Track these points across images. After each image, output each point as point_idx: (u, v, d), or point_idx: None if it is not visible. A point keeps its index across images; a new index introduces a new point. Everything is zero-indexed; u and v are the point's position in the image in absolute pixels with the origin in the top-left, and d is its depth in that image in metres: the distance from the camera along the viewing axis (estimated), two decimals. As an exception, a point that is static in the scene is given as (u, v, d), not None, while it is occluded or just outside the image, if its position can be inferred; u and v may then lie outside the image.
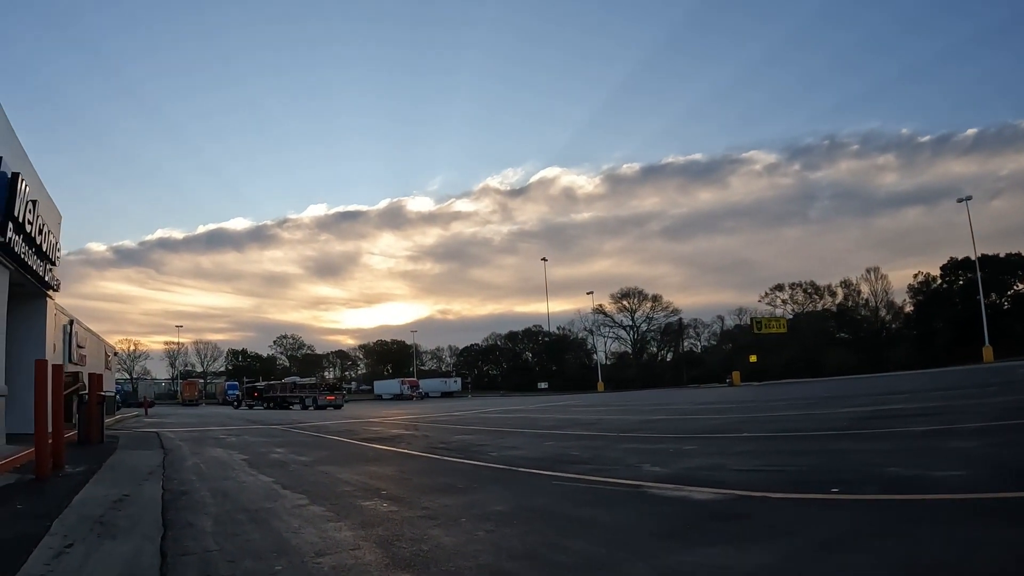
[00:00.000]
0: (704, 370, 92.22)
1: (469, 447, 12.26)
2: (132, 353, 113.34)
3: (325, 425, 21.43)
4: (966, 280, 77.56)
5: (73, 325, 23.69)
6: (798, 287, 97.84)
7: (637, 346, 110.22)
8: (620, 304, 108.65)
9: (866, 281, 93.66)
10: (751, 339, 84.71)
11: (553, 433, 14.99)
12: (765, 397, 29.16)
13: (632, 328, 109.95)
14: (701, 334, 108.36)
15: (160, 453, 12.21)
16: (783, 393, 32.80)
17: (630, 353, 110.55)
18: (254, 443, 14.37)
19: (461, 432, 16.48)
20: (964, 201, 60.11)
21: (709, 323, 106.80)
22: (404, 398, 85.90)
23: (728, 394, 39.24)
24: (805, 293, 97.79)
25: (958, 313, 76.12)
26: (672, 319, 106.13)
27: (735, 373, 72.32)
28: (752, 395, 33.68)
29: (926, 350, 75.20)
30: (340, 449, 12.79)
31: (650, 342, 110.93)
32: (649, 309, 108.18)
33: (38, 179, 13.49)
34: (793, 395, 28.40)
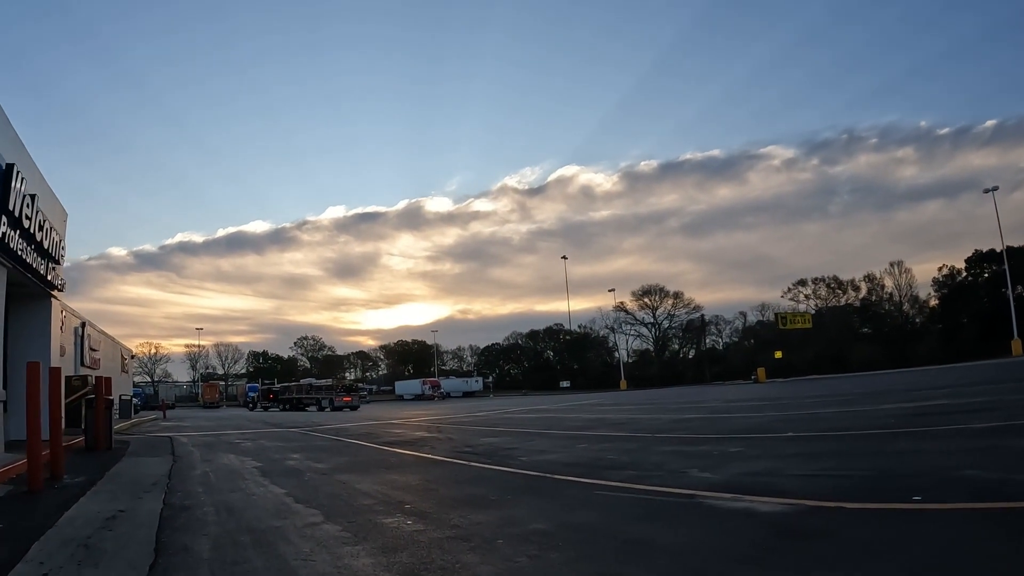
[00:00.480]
0: (726, 367, 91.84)
1: (497, 451, 11.58)
2: (153, 356, 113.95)
3: (345, 428, 20.77)
4: (992, 273, 76.44)
5: (85, 327, 23.22)
6: (821, 282, 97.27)
7: (659, 343, 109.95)
8: (641, 301, 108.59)
9: (890, 275, 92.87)
10: (774, 335, 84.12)
11: (584, 434, 14.31)
12: (796, 394, 28.35)
13: (654, 325, 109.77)
14: (722, 331, 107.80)
15: (169, 460, 11.58)
16: (813, 389, 32.21)
17: (651, 351, 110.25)
18: (269, 448, 13.72)
19: (487, 434, 15.82)
20: (990, 192, 58.83)
21: (731, 320, 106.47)
22: (425, 398, 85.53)
23: (756, 391, 38.44)
24: (828, 288, 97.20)
25: (984, 306, 75.32)
26: (694, 316, 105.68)
27: (760, 370, 71.48)
28: (781, 392, 32.83)
29: (951, 344, 74.16)
30: (360, 454, 12.08)
31: (672, 339, 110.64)
32: (670, 306, 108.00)
33: (39, 174, 12.92)
34: (824, 391, 27.75)
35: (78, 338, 22.03)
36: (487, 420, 22.38)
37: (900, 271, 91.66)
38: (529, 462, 9.60)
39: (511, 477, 8.21)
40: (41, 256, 12.56)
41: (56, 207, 14.36)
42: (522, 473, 8.45)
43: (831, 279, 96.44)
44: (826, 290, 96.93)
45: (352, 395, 51.97)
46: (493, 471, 8.88)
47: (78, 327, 22.21)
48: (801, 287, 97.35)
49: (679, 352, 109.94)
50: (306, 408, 52.22)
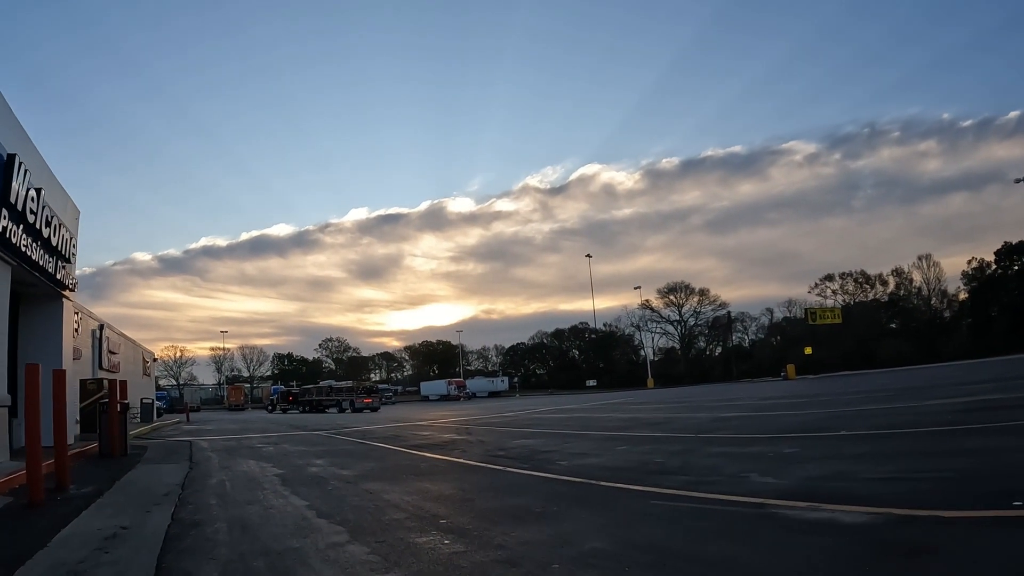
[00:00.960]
0: (753, 364, 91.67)
1: (534, 455, 10.89)
2: (178, 360, 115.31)
3: (371, 430, 20.13)
4: (1022, 265, 75.07)
5: (104, 330, 22.86)
6: (849, 277, 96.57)
7: (685, 341, 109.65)
8: (667, 299, 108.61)
9: (918, 269, 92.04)
10: (801, 331, 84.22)
11: (622, 435, 13.70)
12: (831, 390, 27.72)
13: (679, 323, 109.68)
14: (748, 327, 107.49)
15: (185, 467, 10.96)
16: (848, 386, 31.64)
17: (678, 348, 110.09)
18: (292, 453, 13.08)
19: (519, 436, 15.15)
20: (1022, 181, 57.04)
21: (756, 316, 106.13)
22: (451, 399, 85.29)
23: (788, 388, 37.87)
24: (856, 283, 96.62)
25: (1015, 299, 74.30)
26: (720, 313, 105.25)
27: (790, 366, 71.02)
28: (815, 389, 32.42)
29: (982, 339, 73.31)
30: (387, 459, 11.39)
31: (698, 337, 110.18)
32: (696, 303, 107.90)
33: (46, 168, 12.42)
34: (861, 387, 27.28)
35: (96, 341, 21.66)
36: (517, 421, 21.79)
37: (928, 265, 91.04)
38: (570, 467, 8.96)
39: (554, 484, 7.55)
40: (49, 254, 12.02)
41: (67, 204, 13.84)
42: (564, 480, 7.81)
43: (859, 274, 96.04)
44: (854, 285, 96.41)
45: (372, 396, 51.69)
46: (532, 478, 8.21)
47: (96, 330, 21.85)
48: (828, 282, 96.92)
49: (705, 350, 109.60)
50: (326, 410, 52.42)
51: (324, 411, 51.81)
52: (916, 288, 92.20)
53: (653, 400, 34.18)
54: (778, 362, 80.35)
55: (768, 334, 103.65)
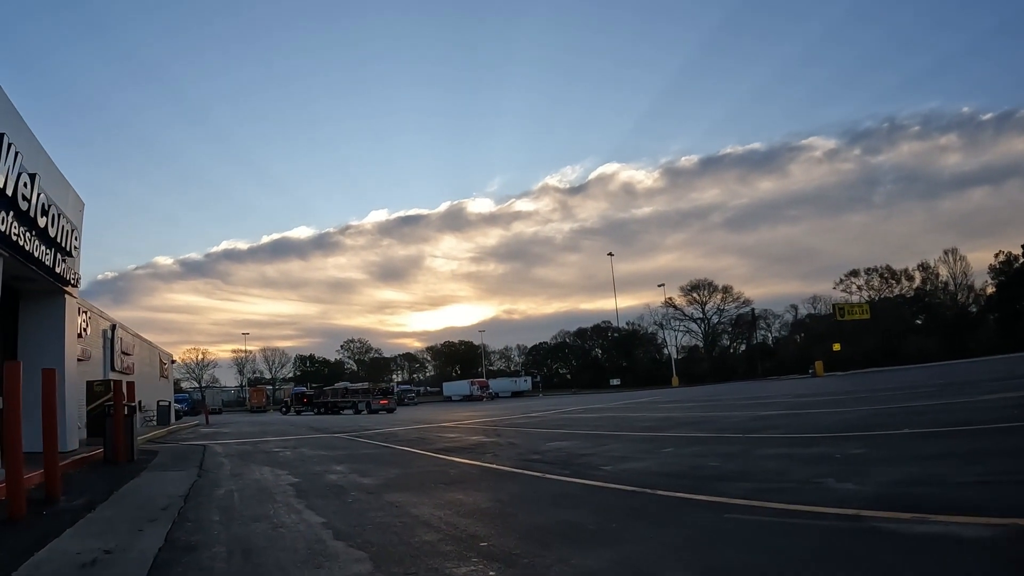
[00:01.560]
0: (777, 362, 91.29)
1: (572, 458, 10.04)
2: (200, 362, 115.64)
3: (394, 433, 19.24)
4: (1050, 258, 73.39)
5: (116, 330, 22.18)
6: (874, 272, 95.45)
7: (708, 339, 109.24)
8: (690, 297, 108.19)
9: (944, 263, 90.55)
10: (826, 328, 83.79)
11: (661, 436, 12.90)
12: (867, 387, 26.98)
13: (703, 321, 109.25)
14: (772, 325, 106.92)
15: (192, 475, 10.13)
16: (882, 382, 30.89)
17: (701, 346, 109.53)
18: (310, 458, 12.21)
19: (552, 437, 14.28)
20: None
21: (780, 313, 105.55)
22: (474, 399, 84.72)
23: (820, 385, 36.98)
24: (881, 278, 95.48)
25: (1044, 293, 72.55)
26: (744, 310, 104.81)
27: (818, 363, 70.11)
28: (848, 385, 31.35)
29: (1010, 334, 71.76)
30: (413, 465, 10.47)
31: (721, 335, 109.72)
32: (720, 301, 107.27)
33: (44, 154, 11.66)
34: (897, 383, 26.46)
35: (107, 342, 20.98)
36: (546, 421, 20.99)
37: (955, 259, 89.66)
38: (615, 472, 8.12)
39: (602, 494, 6.70)
40: (47, 245, 11.23)
41: (68, 194, 13.08)
42: (613, 488, 6.94)
43: (884, 269, 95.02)
44: (879, 280, 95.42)
45: (388, 398, 51.93)
46: (577, 486, 7.34)
47: (107, 330, 21.19)
48: (854, 278, 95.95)
49: (729, 347, 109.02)
50: (341, 411, 52.71)
51: (339, 412, 51.99)
52: (943, 283, 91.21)
53: (681, 399, 33.52)
54: (803, 359, 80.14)
55: (791, 331, 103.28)
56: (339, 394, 56.63)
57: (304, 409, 59.65)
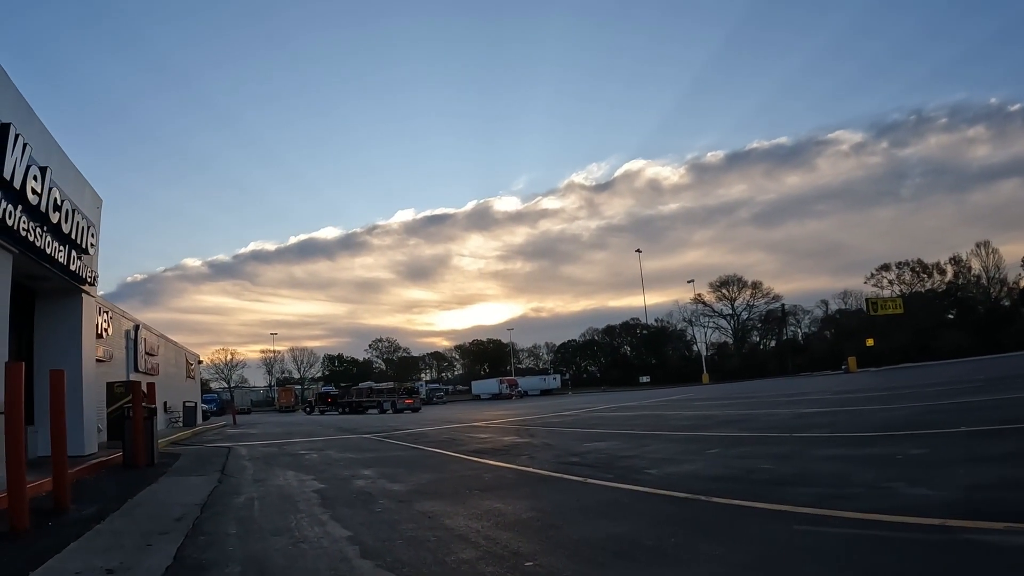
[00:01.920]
0: (808, 358, 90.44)
1: (613, 461, 9.47)
2: (229, 363, 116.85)
3: (424, 433, 18.71)
4: (1087, 250, 71.27)
5: (139, 331, 21.92)
6: (905, 266, 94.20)
7: (738, 335, 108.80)
8: (719, 293, 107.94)
9: (976, 256, 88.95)
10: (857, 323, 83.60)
11: (703, 436, 12.38)
12: (908, 383, 26.23)
13: (732, 317, 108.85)
14: (801, 321, 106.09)
15: (213, 480, 9.67)
16: (919, 378, 30.15)
17: (730, 343, 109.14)
18: (337, 462, 11.72)
19: (588, 438, 13.70)
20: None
21: (809, 309, 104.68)
22: (503, 397, 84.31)
23: (855, 381, 36.27)
24: (913, 272, 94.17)
25: (1080, 285, 71.35)
26: (773, 306, 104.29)
27: (851, 359, 69.26)
28: (887, 381, 30.83)
29: None
30: (445, 469, 9.91)
31: (751, 331, 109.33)
32: (749, 296, 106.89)
33: (57, 147, 11.29)
34: (937, 379, 25.89)
35: (130, 342, 20.70)
36: (580, 420, 20.39)
37: (987, 252, 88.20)
38: (662, 477, 7.60)
39: (654, 502, 6.17)
40: (60, 242, 10.83)
41: (85, 190, 12.72)
42: (664, 495, 6.41)
43: (915, 263, 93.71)
44: (911, 274, 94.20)
45: (413, 397, 51.91)
46: (624, 492, 6.75)
47: (130, 330, 20.92)
48: (885, 272, 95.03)
49: (759, 344, 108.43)
50: (366, 411, 52.90)
51: (364, 412, 52.27)
52: (975, 276, 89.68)
53: (715, 396, 32.91)
54: (833, 355, 79.73)
55: (821, 327, 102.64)
56: (364, 394, 56.74)
57: (328, 409, 59.98)
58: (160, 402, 26.38)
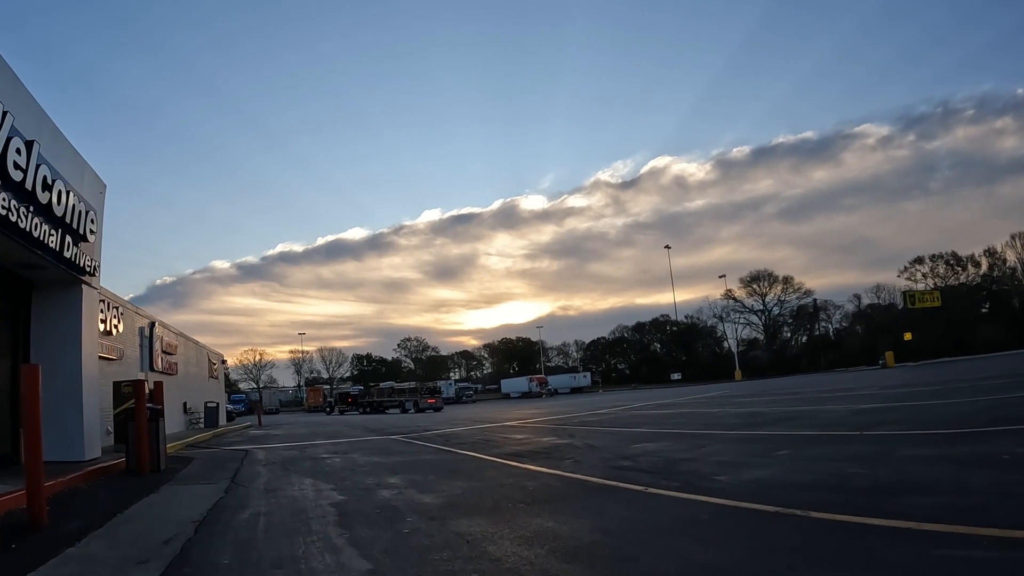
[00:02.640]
0: (841, 353, 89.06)
1: (672, 465, 8.38)
2: (258, 363, 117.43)
3: (455, 434, 17.60)
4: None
5: (155, 328, 21.01)
6: (939, 259, 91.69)
7: (769, 331, 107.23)
8: (750, 288, 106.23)
9: (1011, 248, 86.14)
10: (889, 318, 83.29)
11: (762, 435, 11.44)
12: (956, 377, 25.20)
13: (763, 312, 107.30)
14: (832, 316, 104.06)
15: (220, 489, 8.64)
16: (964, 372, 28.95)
17: (762, 339, 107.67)
18: (361, 467, 10.64)
19: (635, 438, 12.56)
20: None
21: (840, 304, 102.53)
22: (532, 396, 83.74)
23: (900, 376, 34.77)
24: (947, 265, 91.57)
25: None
26: (805, 301, 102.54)
27: (888, 353, 68.46)
28: (933, 375, 29.63)
29: None
30: (481, 475, 8.77)
31: (782, 327, 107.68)
32: (780, 292, 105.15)
33: (49, 122, 10.34)
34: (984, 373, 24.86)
35: (145, 339, 19.81)
36: (618, 419, 19.25)
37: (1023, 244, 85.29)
38: (737, 484, 6.58)
39: (742, 519, 5.08)
40: (52, 225, 9.85)
41: (84, 173, 11.78)
42: (750, 509, 5.34)
43: (949, 255, 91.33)
44: (945, 267, 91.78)
45: (435, 397, 52.07)
46: (700, 506, 5.66)
47: (144, 327, 20.02)
48: (918, 265, 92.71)
49: (790, 339, 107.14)
50: (386, 411, 53.17)
51: (384, 412, 52.66)
52: (1010, 269, 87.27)
53: (753, 392, 31.59)
54: (866, 350, 79.08)
55: (852, 322, 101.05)
56: (385, 393, 56.97)
57: (348, 409, 60.40)
58: (179, 403, 25.67)
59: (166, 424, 22.45)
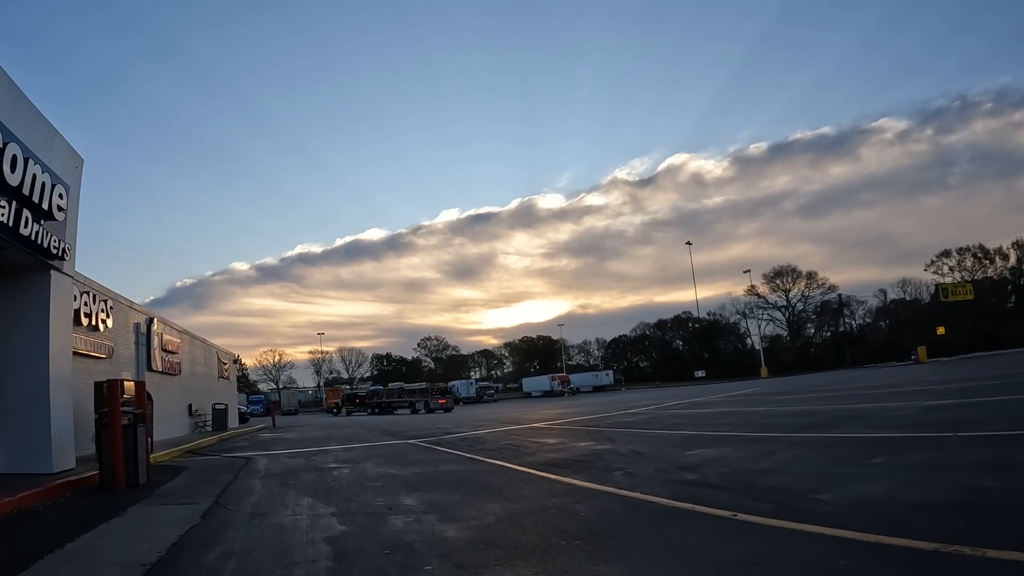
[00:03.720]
0: (865, 349, 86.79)
1: (749, 480, 6.83)
2: (277, 363, 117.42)
3: (479, 438, 16.00)
4: None
5: (153, 324, 19.59)
6: (967, 252, 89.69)
7: (793, 327, 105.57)
8: (773, 284, 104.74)
9: None
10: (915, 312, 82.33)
11: (835, 438, 9.96)
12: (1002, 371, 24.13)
13: (787, 308, 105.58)
14: (855, 312, 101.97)
15: (199, 511, 7.12)
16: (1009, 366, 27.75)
17: (785, 335, 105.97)
18: (373, 481, 9.10)
19: (685, 443, 11.09)
20: None
21: (862, 300, 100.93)
22: (554, 395, 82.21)
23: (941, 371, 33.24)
24: (975, 258, 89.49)
25: None
26: (829, 296, 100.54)
27: (921, 348, 67.61)
28: (978, 370, 28.25)
29: None
30: (516, 493, 7.18)
31: (806, 323, 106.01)
32: (804, 287, 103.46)
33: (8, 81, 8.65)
34: None
35: (141, 336, 18.36)
36: (655, 420, 17.73)
37: None
38: (848, 507, 5.16)
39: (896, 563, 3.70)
40: (6, 197, 8.27)
41: (54, 142, 10.33)
42: (898, 546, 3.94)
43: (977, 248, 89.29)
44: (972, 260, 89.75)
45: (446, 398, 52.02)
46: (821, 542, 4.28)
47: (141, 323, 18.58)
48: (945, 259, 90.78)
49: (814, 336, 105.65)
50: (395, 411, 53.54)
51: (393, 412, 52.86)
52: None
53: (790, 390, 29.86)
54: (893, 346, 78.34)
55: (876, 317, 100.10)
56: (394, 394, 56.80)
57: (355, 410, 60.32)
58: (183, 405, 24.29)
59: (169, 428, 21.18)
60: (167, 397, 21.67)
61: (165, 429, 20.67)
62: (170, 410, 21.94)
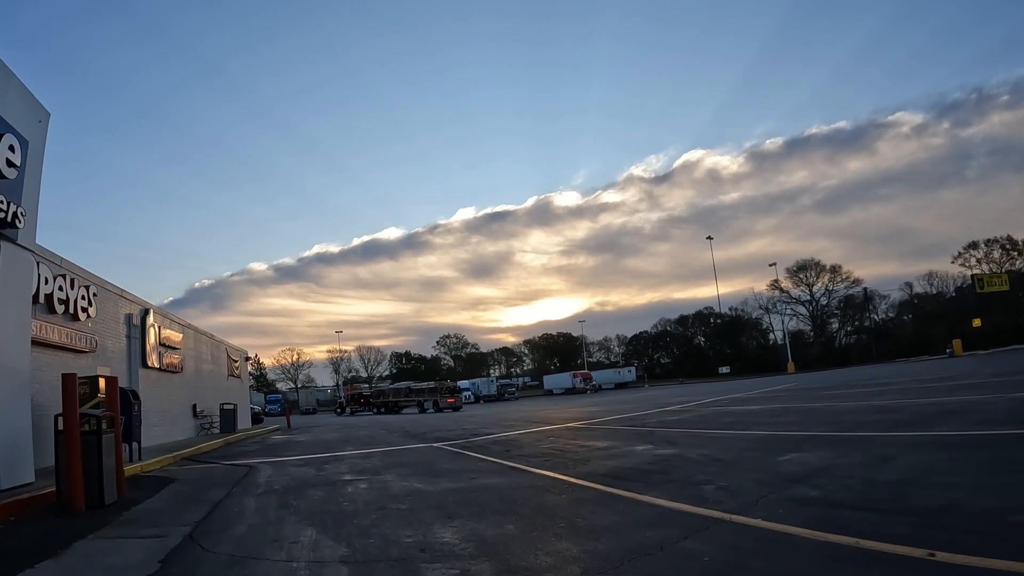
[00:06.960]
0: (892, 344, 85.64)
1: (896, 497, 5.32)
2: (296, 363, 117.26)
3: (513, 440, 14.16)
4: None
5: (148, 317, 17.85)
6: (995, 243, 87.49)
7: (817, 322, 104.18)
8: (796, 278, 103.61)
9: None
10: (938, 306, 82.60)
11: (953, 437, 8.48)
12: None
13: (811, 303, 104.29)
14: (878, 306, 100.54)
15: (162, 552, 5.26)
16: None
17: (808, 330, 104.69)
18: (395, 502, 7.26)
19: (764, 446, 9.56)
20: None
21: (886, 294, 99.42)
22: (576, 392, 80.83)
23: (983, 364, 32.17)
24: (1003, 249, 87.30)
25: None
26: (853, 290, 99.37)
27: (956, 342, 66.59)
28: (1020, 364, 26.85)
29: None
30: (592, 522, 5.35)
31: (830, 318, 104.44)
32: (827, 281, 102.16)
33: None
34: None
35: (134, 330, 16.63)
36: (704, 419, 16.12)
37: None
38: None
39: None
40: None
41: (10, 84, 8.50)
42: None
43: (1005, 239, 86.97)
44: (1000, 252, 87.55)
45: (455, 396, 51.29)
46: None
47: (134, 315, 16.84)
48: (973, 251, 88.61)
49: (839, 330, 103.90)
50: (402, 411, 53.45)
51: (400, 412, 52.73)
52: None
53: (833, 384, 28.04)
54: (919, 340, 77.97)
55: (899, 311, 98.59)
56: (401, 393, 56.20)
57: (360, 409, 59.92)
58: (187, 405, 22.57)
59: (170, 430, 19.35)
60: (167, 397, 20.17)
61: (165, 432, 19.22)
62: (171, 411, 20.34)
